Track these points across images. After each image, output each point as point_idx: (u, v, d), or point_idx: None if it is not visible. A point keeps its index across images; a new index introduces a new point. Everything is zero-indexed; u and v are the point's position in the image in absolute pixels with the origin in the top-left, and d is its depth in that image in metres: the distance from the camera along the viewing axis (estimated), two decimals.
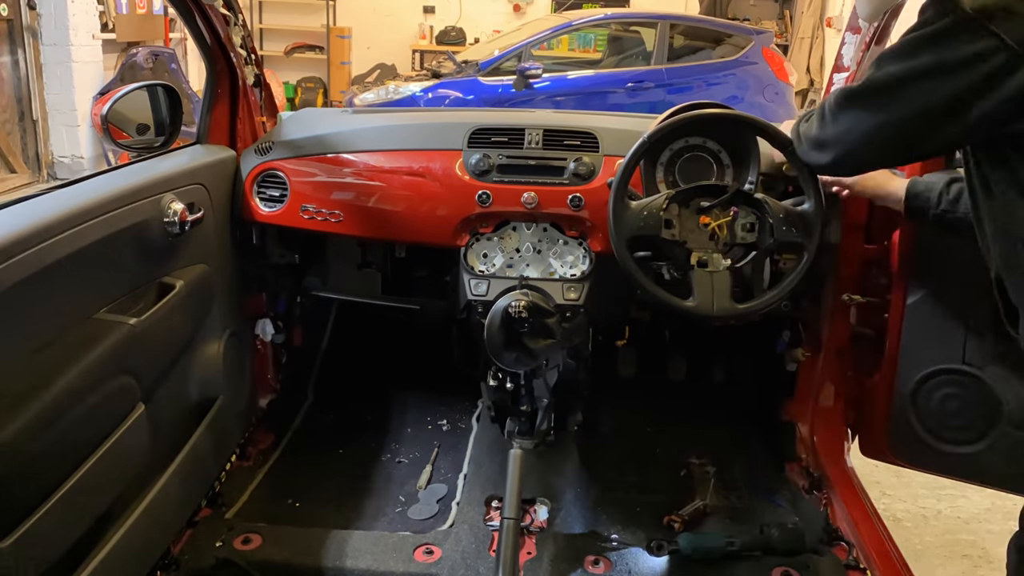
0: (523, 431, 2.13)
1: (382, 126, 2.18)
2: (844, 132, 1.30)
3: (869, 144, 1.27)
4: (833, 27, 8.81)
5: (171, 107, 2.01)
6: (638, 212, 1.73)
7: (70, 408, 1.35)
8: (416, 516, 2.02)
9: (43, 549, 1.30)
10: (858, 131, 1.27)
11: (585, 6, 9.12)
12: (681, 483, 2.18)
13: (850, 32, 1.91)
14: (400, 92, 6.37)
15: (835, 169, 1.47)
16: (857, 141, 1.29)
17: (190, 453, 1.80)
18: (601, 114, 2.46)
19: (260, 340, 2.33)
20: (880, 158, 1.34)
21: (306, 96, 9.53)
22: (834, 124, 1.32)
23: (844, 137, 1.31)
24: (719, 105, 1.87)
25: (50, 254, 1.32)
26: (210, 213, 1.93)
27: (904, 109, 1.19)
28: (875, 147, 1.28)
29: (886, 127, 1.23)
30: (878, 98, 1.22)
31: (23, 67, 6.24)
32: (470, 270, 1.99)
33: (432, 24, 9.80)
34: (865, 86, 1.24)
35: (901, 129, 1.22)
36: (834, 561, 1.83)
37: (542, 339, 1.85)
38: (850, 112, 1.28)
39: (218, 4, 1.90)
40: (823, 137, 1.36)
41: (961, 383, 1.79)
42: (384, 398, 2.57)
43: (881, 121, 1.23)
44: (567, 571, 1.77)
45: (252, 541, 1.83)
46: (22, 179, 6.27)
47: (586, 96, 6.47)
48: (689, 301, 1.72)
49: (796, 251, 1.77)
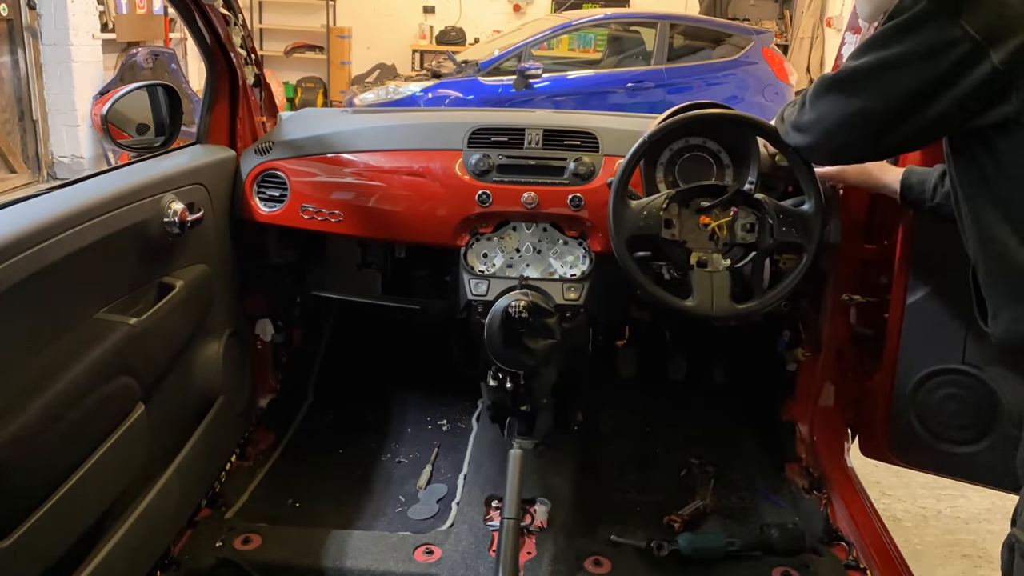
0: (523, 431, 2.13)
1: (382, 126, 2.18)
2: (821, 117, 1.34)
3: (842, 129, 1.31)
4: (833, 27, 8.82)
5: (171, 107, 2.01)
6: (638, 212, 1.73)
7: (70, 408, 1.35)
8: (416, 516, 2.02)
9: (43, 549, 1.30)
10: (833, 116, 1.31)
11: (585, 6, 9.12)
12: (681, 483, 2.18)
13: (850, 32, 1.91)
14: (400, 92, 6.37)
15: (813, 153, 1.51)
16: (833, 126, 1.32)
17: (190, 453, 1.80)
18: (601, 114, 2.46)
19: (260, 340, 2.33)
20: (855, 144, 1.36)
21: (306, 96, 9.53)
22: (812, 109, 1.36)
23: (821, 121, 1.34)
24: (719, 105, 1.87)
25: (50, 254, 1.32)
26: (210, 213, 1.93)
27: (876, 96, 1.22)
28: (848, 132, 1.31)
29: (859, 114, 1.26)
30: (853, 85, 1.25)
31: (23, 67, 6.24)
32: (470, 270, 1.99)
33: (432, 24, 9.80)
34: (842, 73, 1.27)
35: (873, 116, 1.25)
36: (834, 561, 1.83)
37: (542, 339, 1.84)
38: (828, 98, 1.32)
39: (218, 4, 1.90)
40: (802, 121, 1.40)
41: (961, 383, 1.79)
42: (384, 398, 2.57)
43: (855, 108, 1.26)
44: (567, 571, 1.77)
45: (252, 541, 1.83)
46: (22, 179, 6.27)
47: (586, 96, 6.47)
48: (689, 301, 1.72)
49: (796, 251, 1.77)
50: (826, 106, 1.32)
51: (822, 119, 1.34)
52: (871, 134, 1.28)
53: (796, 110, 1.44)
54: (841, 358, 2.07)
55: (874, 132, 1.27)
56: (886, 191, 1.70)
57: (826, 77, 1.33)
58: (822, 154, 1.48)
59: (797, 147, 1.49)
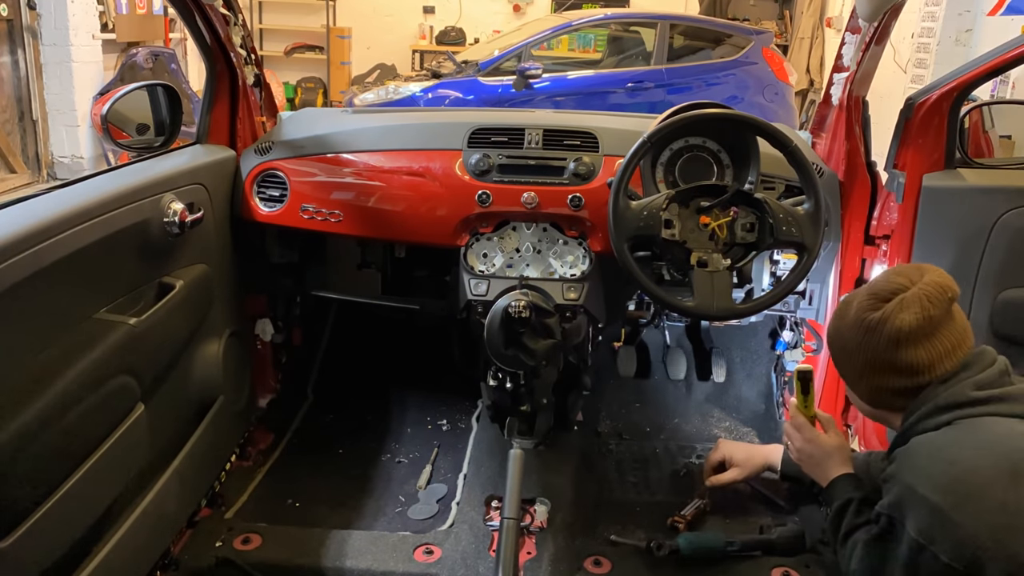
0: (523, 431, 2.13)
1: (382, 126, 2.18)
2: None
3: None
4: (833, 27, 8.81)
5: (171, 107, 2.02)
6: (638, 212, 1.73)
7: (70, 408, 1.35)
8: (416, 516, 2.02)
9: (43, 549, 1.30)
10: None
11: (585, 6, 9.12)
12: (681, 483, 2.18)
13: (850, 32, 1.91)
14: (400, 92, 6.37)
15: None
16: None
17: (190, 453, 1.80)
18: (601, 114, 2.46)
19: (260, 340, 2.33)
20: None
21: (306, 96, 9.53)
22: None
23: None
24: (719, 105, 1.87)
25: (50, 254, 1.32)
26: (210, 213, 1.93)
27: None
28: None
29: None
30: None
31: (23, 67, 6.24)
32: (470, 270, 1.99)
33: (432, 24, 9.80)
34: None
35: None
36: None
37: (542, 339, 1.84)
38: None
39: (218, 4, 1.90)
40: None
41: None
42: (384, 398, 2.57)
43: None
44: (567, 571, 1.77)
45: (252, 541, 1.83)
46: (22, 179, 6.27)
47: (586, 96, 6.47)
48: (689, 301, 1.72)
49: (796, 251, 1.77)
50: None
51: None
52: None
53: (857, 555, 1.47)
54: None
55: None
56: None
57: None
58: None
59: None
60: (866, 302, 1.42)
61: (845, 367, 1.50)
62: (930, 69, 5.88)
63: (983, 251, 1.87)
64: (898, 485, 1.33)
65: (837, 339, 1.48)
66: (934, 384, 1.38)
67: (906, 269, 1.45)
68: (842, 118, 1.99)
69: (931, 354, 1.37)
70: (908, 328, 1.36)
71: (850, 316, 1.44)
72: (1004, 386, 1.36)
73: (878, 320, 1.38)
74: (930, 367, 1.37)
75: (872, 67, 1.93)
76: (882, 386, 1.43)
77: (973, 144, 2.94)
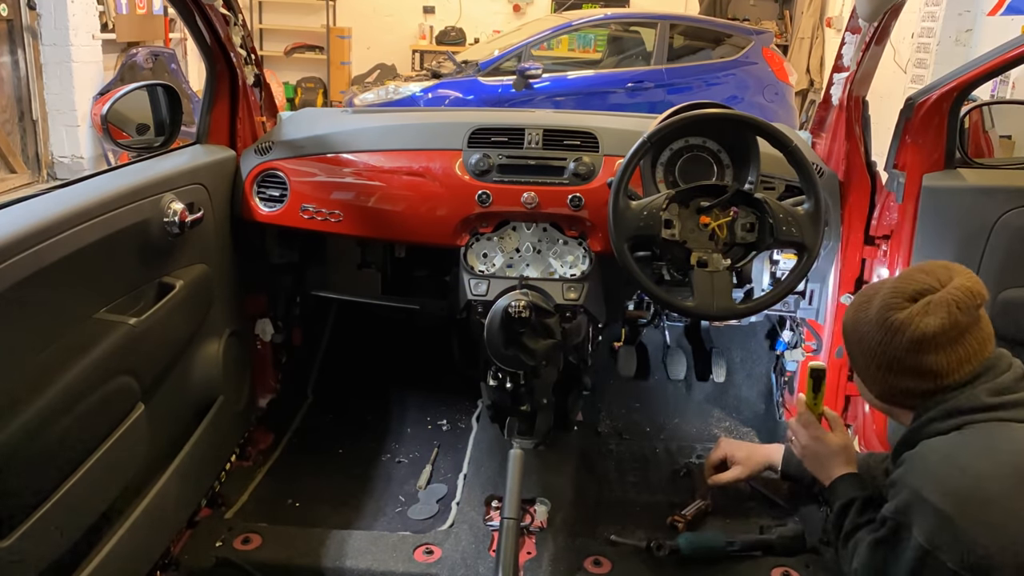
0: (523, 431, 2.13)
1: (382, 126, 2.18)
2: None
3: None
4: (833, 27, 8.81)
5: (171, 107, 2.01)
6: (638, 212, 1.73)
7: (70, 408, 1.35)
8: (416, 516, 2.02)
9: (43, 549, 1.30)
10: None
11: (585, 6, 9.12)
12: (681, 483, 2.18)
13: (850, 32, 1.91)
14: (400, 92, 6.37)
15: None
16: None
17: (190, 453, 1.80)
18: (601, 114, 2.46)
19: (260, 340, 2.32)
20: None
21: (306, 96, 9.53)
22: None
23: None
24: (719, 105, 1.87)
25: (50, 254, 1.32)
26: (210, 213, 1.93)
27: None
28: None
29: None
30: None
31: (23, 67, 6.24)
32: (470, 270, 1.99)
33: (432, 24, 9.80)
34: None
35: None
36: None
37: (542, 339, 1.84)
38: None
39: (218, 4, 1.90)
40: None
41: None
42: (384, 398, 2.57)
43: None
44: (567, 571, 1.77)
45: (252, 541, 1.83)
46: (22, 179, 6.27)
47: (586, 96, 6.47)
48: (689, 301, 1.72)
49: (796, 251, 1.77)
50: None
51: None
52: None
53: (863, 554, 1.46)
54: (841, 358, 2.07)
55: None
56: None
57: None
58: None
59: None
60: (891, 299, 1.37)
61: (860, 360, 1.46)
62: (930, 69, 5.87)
63: (983, 251, 1.87)
64: (906, 489, 1.31)
65: (855, 332, 1.44)
66: (950, 387, 1.36)
67: (934, 268, 1.40)
68: (842, 118, 1.99)
69: (951, 360, 1.34)
70: (932, 333, 1.32)
71: (872, 311, 1.39)
72: (1019, 391, 1.34)
73: (901, 321, 1.34)
74: (949, 372, 1.35)
75: (872, 67, 1.93)
76: (897, 385, 1.40)
77: (973, 144, 2.94)
